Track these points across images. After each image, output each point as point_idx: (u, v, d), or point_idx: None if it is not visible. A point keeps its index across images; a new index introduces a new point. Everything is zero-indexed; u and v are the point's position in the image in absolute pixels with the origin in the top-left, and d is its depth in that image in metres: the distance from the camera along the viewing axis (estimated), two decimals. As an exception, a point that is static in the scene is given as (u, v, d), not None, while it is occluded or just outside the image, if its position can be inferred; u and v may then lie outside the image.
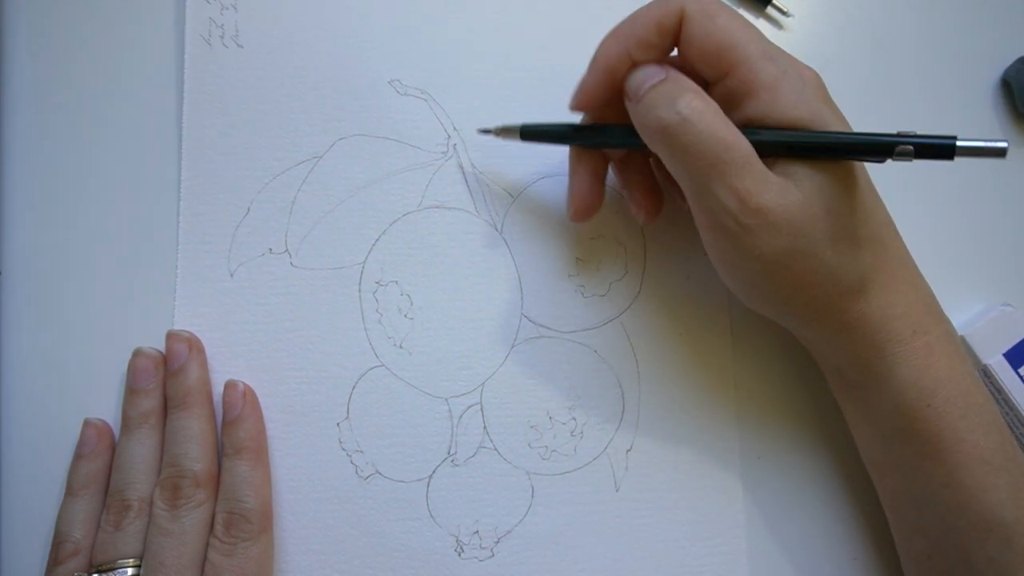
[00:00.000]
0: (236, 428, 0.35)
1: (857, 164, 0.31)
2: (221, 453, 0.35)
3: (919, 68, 0.42)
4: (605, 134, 0.34)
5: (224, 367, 0.36)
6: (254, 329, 0.37)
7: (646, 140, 0.31)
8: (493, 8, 0.40)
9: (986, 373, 0.37)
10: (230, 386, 0.36)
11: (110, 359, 0.36)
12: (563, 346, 0.38)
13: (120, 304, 0.37)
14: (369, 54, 0.39)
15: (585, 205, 0.35)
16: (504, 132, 0.35)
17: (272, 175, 0.38)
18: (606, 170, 0.36)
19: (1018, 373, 0.37)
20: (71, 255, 0.37)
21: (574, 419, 0.37)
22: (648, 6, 0.31)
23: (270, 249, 0.37)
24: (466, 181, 0.38)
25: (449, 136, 0.39)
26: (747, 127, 0.29)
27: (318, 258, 0.37)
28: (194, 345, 0.36)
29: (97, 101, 0.38)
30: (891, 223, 0.33)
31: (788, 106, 0.29)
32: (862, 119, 0.41)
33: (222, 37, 0.39)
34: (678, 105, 0.29)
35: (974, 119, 0.42)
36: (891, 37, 0.42)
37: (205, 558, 0.32)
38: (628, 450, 0.37)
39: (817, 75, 0.31)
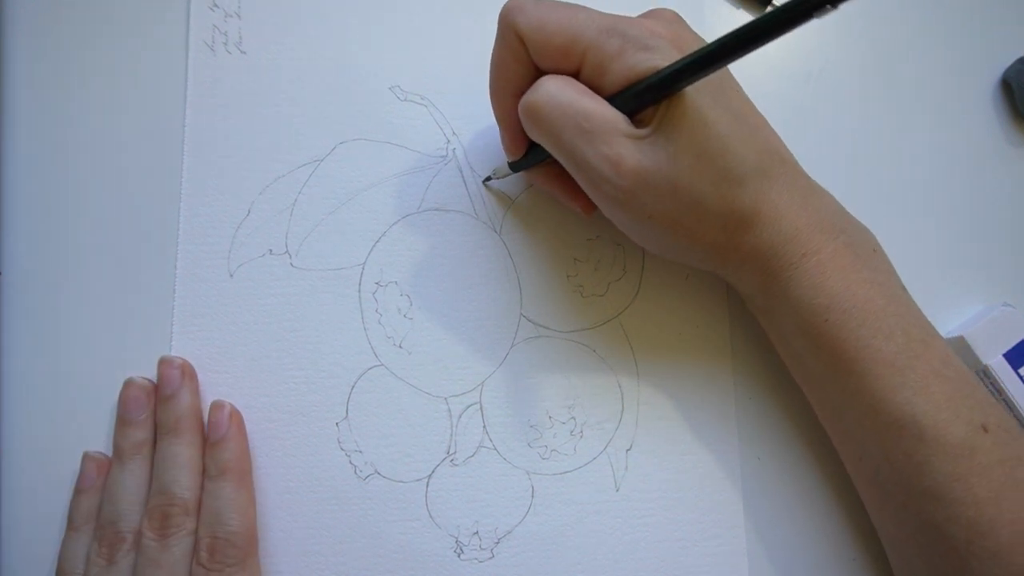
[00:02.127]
0: (221, 449, 0.34)
1: (723, 100, 0.30)
2: (205, 476, 0.34)
3: (919, 68, 0.42)
4: (534, 153, 0.35)
5: (224, 367, 0.37)
6: (254, 329, 0.37)
7: (530, 135, 0.32)
8: (492, 16, 0.40)
9: (986, 373, 0.37)
10: (216, 406, 0.35)
11: (110, 359, 0.36)
12: (562, 346, 0.38)
13: (120, 304, 0.37)
14: (370, 61, 0.40)
15: (583, 205, 0.36)
16: (498, 172, 0.38)
17: (273, 177, 0.38)
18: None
19: (1018, 373, 0.37)
20: (71, 255, 0.37)
21: (573, 419, 0.37)
22: (496, 46, 0.32)
23: (270, 250, 0.37)
24: (465, 184, 0.39)
25: (448, 140, 0.39)
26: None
27: (318, 259, 0.38)
28: (186, 371, 0.35)
29: (100, 104, 0.38)
30: (775, 147, 0.32)
31: (639, 63, 0.29)
32: (862, 119, 0.41)
33: (225, 44, 0.39)
34: (539, 89, 0.30)
35: (974, 119, 0.42)
36: (891, 37, 0.42)
37: None
38: (628, 450, 0.37)
39: (674, 15, 0.32)
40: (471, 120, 0.39)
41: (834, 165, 0.40)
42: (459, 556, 0.36)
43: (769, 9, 0.41)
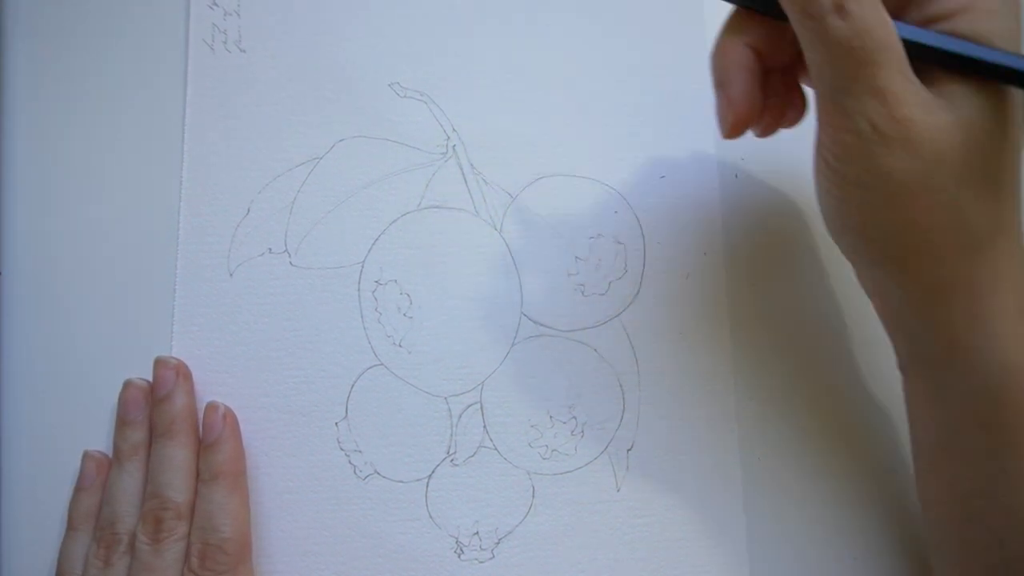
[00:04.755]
0: (214, 452, 0.34)
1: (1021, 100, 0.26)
2: (198, 479, 0.34)
3: (919, 68, 0.42)
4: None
5: (224, 367, 0.36)
6: (253, 328, 0.37)
7: (796, 29, 0.27)
8: (492, 11, 0.40)
9: None
10: (211, 408, 0.35)
11: (110, 359, 0.36)
12: (563, 345, 0.37)
13: (120, 304, 0.37)
14: (369, 58, 0.39)
15: (744, 111, 0.30)
16: None
17: (272, 176, 0.38)
18: (761, 73, 0.31)
19: None
20: (71, 255, 0.37)
21: (574, 418, 0.37)
22: None
23: (270, 249, 0.37)
24: (465, 181, 0.39)
25: (448, 137, 0.39)
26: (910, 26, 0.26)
27: (317, 258, 0.37)
28: (181, 372, 0.35)
29: (100, 103, 0.38)
30: None
31: (976, 18, 0.25)
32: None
33: (225, 42, 0.39)
34: None
35: (975, 118, 0.42)
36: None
37: None
38: (629, 449, 0.37)
39: None
40: (471, 117, 0.39)
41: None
42: (459, 556, 0.36)
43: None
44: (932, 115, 0.25)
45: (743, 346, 0.38)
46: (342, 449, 0.36)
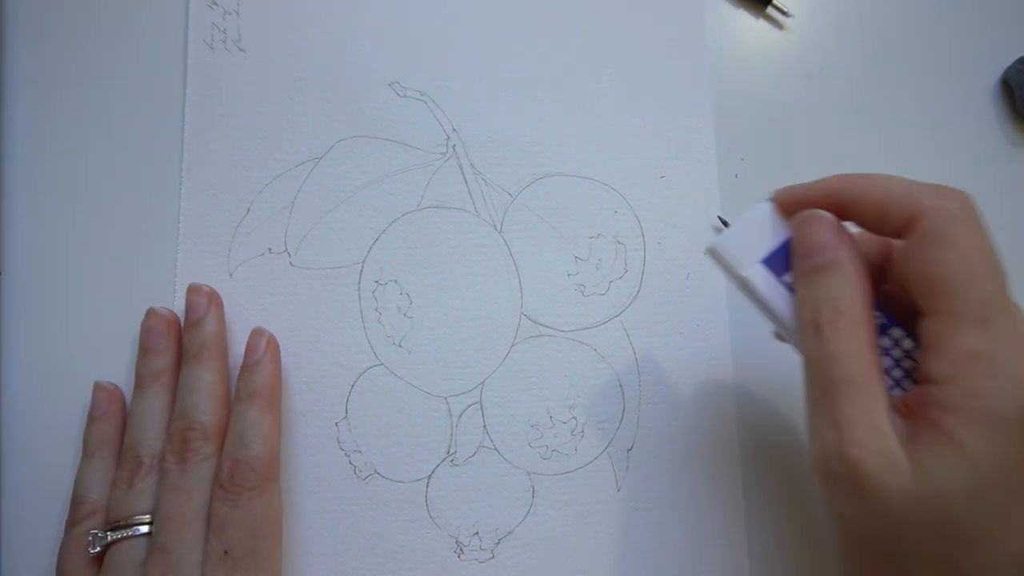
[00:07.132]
0: (252, 372, 0.34)
1: None
2: (235, 399, 0.34)
3: (919, 68, 0.42)
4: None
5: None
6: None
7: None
8: (492, 11, 0.40)
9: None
10: (256, 332, 0.35)
11: (111, 359, 0.36)
12: (563, 345, 0.37)
13: (120, 303, 0.37)
14: (369, 58, 0.39)
15: None
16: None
17: (272, 176, 0.38)
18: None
19: (781, 281, 0.29)
20: (72, 254, 0.37)
21: (574, 418, 0.37)
22: (887, 184, 0.27)
23: (269, 249, 0.37)
24: (465, 181, 0.39)
25: (448, 137, 0.39)
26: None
27: (317, 258, 0.37)
28: (213, 299, 0.35)
29: (100, 102, 0.38)
30: None
31: (971, 394, 0.23)
32: (862, 119, 0.41)
33: (224, 42, 0.39)
34: (821, 314, 0.25)
35: (974, 119, 0.42)
36: (891, 37, 0.42)
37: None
38: (629, 449, 0.37)
39: None
40: (471, 116, 0.39)
41: (833, 166, 0.40)
42: (459, 556, 0.36)
43: (769, 10, 0.41)
44: (889, 470, 0.23)
45: (743, 346, 0.38)
46: (342, 449, 0.36)
